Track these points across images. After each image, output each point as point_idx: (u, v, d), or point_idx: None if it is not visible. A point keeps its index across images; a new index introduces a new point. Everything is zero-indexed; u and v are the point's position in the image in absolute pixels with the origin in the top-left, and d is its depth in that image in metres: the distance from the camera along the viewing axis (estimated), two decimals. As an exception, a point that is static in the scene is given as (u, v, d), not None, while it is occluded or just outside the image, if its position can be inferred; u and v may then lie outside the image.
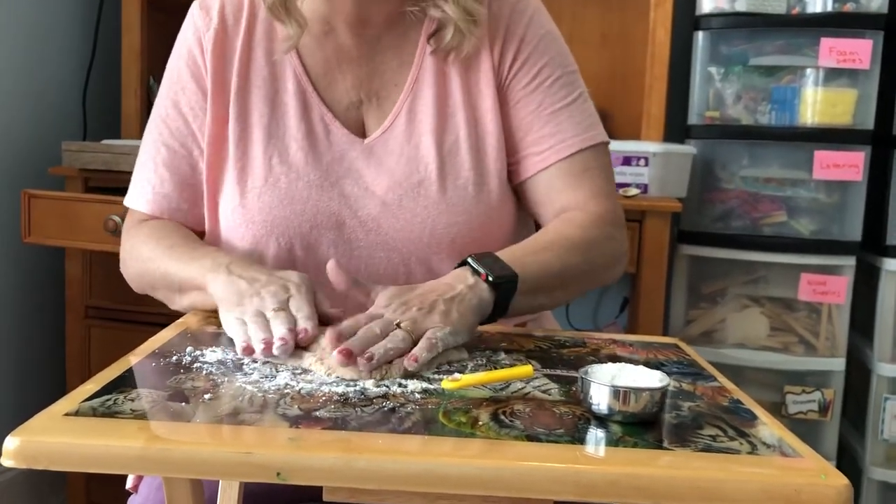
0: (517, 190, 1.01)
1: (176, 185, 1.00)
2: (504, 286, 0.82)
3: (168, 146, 1.00)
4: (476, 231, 0.95)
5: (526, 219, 1.06)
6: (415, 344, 0.73)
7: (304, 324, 0.76)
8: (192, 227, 1.01)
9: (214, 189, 0.99)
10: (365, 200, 0.95)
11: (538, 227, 1.02)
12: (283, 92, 0.98)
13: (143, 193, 1.01)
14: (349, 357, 0.69)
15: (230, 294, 0.82)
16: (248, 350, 0.74)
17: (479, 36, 0.97)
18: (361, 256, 0.95)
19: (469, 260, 0.84)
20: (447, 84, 0.98)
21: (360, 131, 0.99)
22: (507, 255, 0.86)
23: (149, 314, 1.72)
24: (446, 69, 0.99)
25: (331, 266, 0.83)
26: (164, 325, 0.86)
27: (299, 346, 0.74)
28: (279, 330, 0.74)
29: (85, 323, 1.82)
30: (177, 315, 0.93)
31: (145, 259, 0.96)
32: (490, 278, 0.82)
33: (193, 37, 1.00)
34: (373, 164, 0.96)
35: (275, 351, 0.73)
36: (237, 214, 0.96)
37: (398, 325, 0.75)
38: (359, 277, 0.86)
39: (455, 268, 0.86)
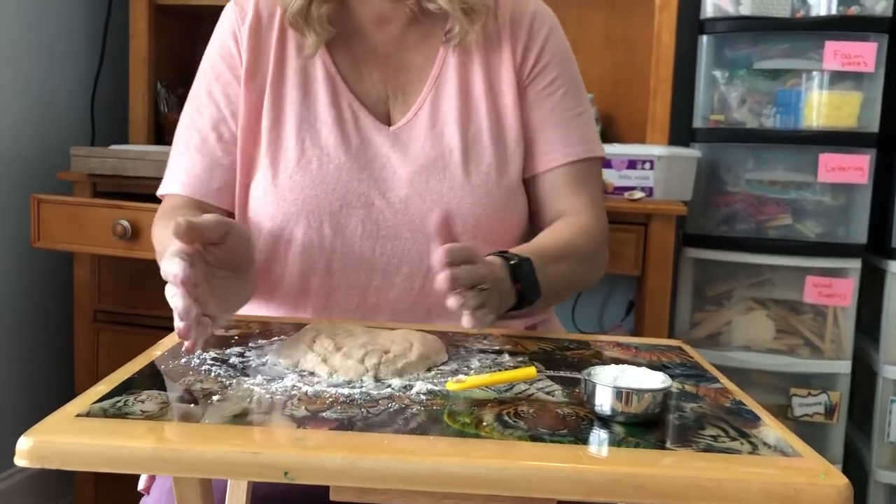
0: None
1: (207, 167, 1.03)
2: (527, 301, 0.88)
3: (200, 131, 1.04)
4: (499, 213, 1.00)
5: None
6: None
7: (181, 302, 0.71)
8: (225, 207, 1.04)
9: (247, 171, 1.02)
10: (393, 182, 0.99)
11: (532, 221, 1.07)
12: (314, 81, 1.03)
13: (176, 177, 1.04)
14: (453, 287, 0.76)
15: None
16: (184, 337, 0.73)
17: (477, 28, 1.01)
18: (388, 236, 0.99)
19: (512, 263, 0.88)
20: (469, 80, 1.04)
21: (387, 123, 1.03)
22: (538, 257, 0.90)
23: (156, 318, 1.74)
24: (469, 65, 1.04)
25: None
26: (172, 329, 0.86)
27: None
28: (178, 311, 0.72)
29: (93, 327, 1.83)
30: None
31: (158, 248, 1.00)
32: (523, 292, 0.87)
33: (228, 30, 1.05)
34: (399, 150, 1.01)
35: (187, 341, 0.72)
36: (269, 194, 0.99)
37: (481, 288, 0.79)
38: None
39: (497, 255, 0.89)
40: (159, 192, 1.06)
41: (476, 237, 0.98)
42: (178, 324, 0.71)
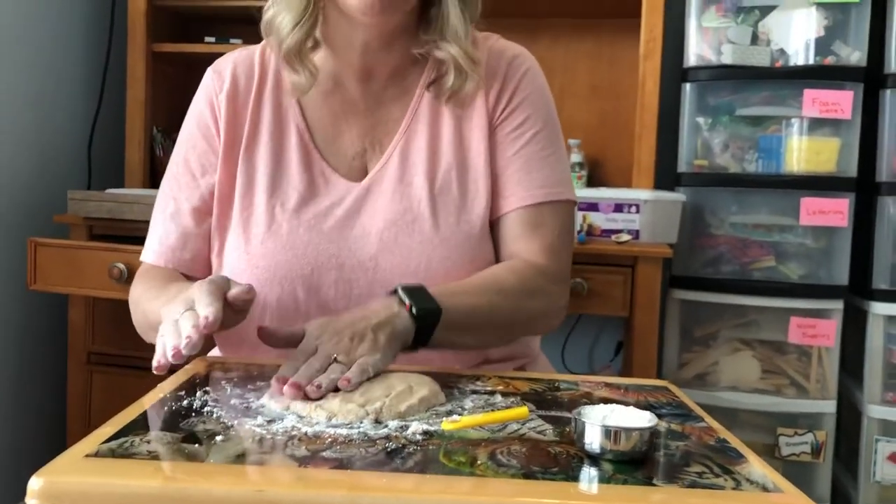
0: None
1: (179, 237, 1.05)
2: (427, 319, 0.87)
3: (175, 200, 1.06)
4: (468, 265, 1.00)
5: None
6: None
7: (203, 311, 0.78)
8: (196, 276, 1.05)
9: (221, 239, 1.04)
10: (362, 241, 1.00)
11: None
12: (287, 146, 1.04)
13: (150, 245, 1.07)
14: (298, 389, 0.74)
15: (164, 318, 0.84)
16: (160, 367, 0.78)
17: (478, 78, 1.02)
18: (361, 295, 0.99)
19: (398, 289, 0.89)
20: (439, 128, 1.04)
21: (363, 177, 1.04)
22: (439, 290, 0.91)
23: (150, 360, 1.75)
24: (440, 115, 1.05)
25: (261, 331, 0.86)
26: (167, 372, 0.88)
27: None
28: (186, 329, 0.77)
29: (86, 368, 1.84)
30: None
31: (134, 302, 1.03)
32: (413, 310, 0.87)
33: (205, 100, 1.07)
34: (369, 206, 1.02)
35: (183, 350, 0.76)
36: (242, 261, 1.01)
37: (335, 359, 0.80)
38: (285, 327, 0.88)
39: (386, 295, 0.91)
40: (141, 258, 1.08)
41: None
42: (167, 355, 0.77)
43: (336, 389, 0.76)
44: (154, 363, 0.79)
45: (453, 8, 1.00)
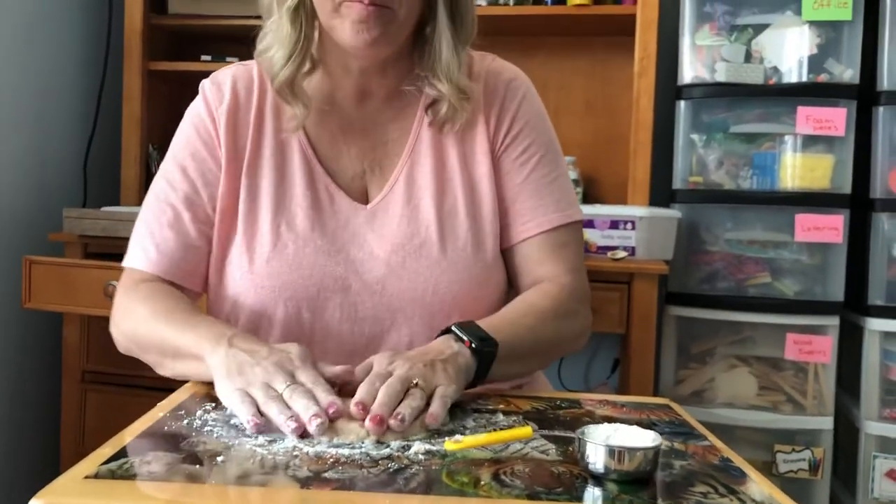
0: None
1: (179, 247, 1.01)
2: (485, 353, 0.87)
3: (174, 208, 1.02)
4: (475, 290, 1.00)
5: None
6: (427, 400, 0.77)
7: (330, 398, 0.75)
8: (189, 288, 1.03)
9: (223, 254, 1.02)
10: (370, 264, 0.99)
11: (513, 291, 1.07)
12: (290, 163, 1.03)
13: (145, 253, 1.01)
14: (381, 423, 0.72)
15: (230, 364, 0.81)
16: (258, 427, 0.73)
17: (470, 109, 1.03)
18: (367, 318, 0.98)
19: (453, 328, 0.89)
20: (444, 152, 1.04)
21: (364, 199, 1.04)
22: (486, 324, 0.91)
23: (145, 378, 1.73)
24: (443, 138, 1.05)
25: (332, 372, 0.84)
26: (159, 390, 0.87)
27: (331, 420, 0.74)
28: (309, 407, 0.74)
29: (81, 387, 1.83)
30: (173, 380, 0.94)
31: (140, 319, 0.96)
32: (474, 345, 0.87)
33: (205, 110, 1.04)
34: (376, 228, 1.01)
35: (313, 430, 0.72)
36: (246, 279, 0.99)
37: (415, 384, 0.78)
38: (359, 368, 0.85)
39: (438, 335, 0.90)
40: (125, 263, 1.03)
41: (452, 314, 0.98)
42: (288, 428, 0.72)
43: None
44: (250, 420, 0.74)
45: (445, 42, 1.00)
